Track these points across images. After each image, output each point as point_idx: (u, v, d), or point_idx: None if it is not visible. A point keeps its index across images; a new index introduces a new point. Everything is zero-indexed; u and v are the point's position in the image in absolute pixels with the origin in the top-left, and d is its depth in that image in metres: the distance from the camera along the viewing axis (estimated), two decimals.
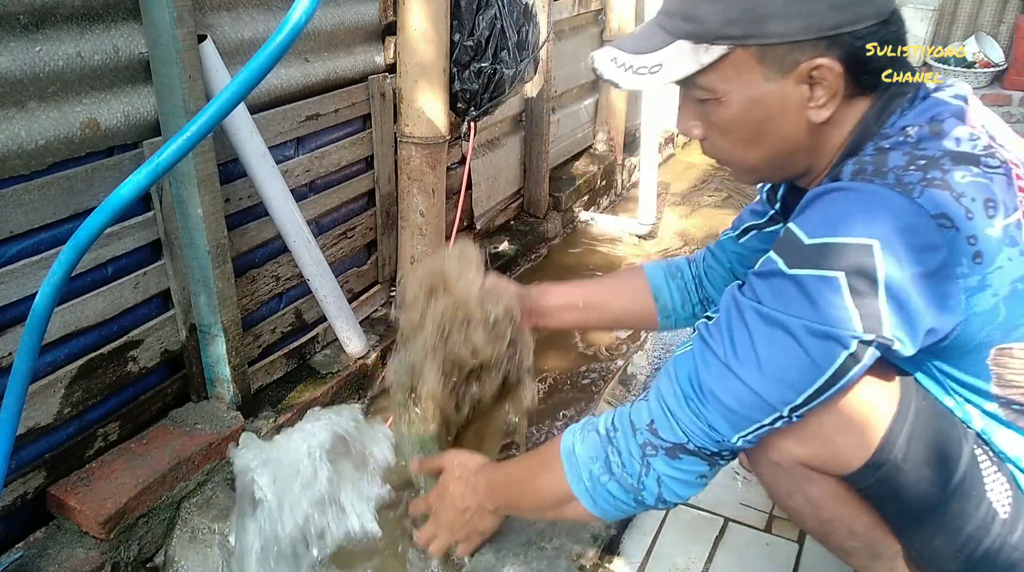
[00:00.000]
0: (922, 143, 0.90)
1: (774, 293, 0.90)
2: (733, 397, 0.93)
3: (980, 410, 1.00)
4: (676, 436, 0.98)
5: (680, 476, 1.01)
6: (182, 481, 1.52)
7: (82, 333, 1.43)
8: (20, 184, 1.27)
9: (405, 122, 2.09)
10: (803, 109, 0.96)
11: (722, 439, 0.96)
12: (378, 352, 2.06)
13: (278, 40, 0.90)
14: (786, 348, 0.89)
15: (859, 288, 0.85)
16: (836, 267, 0.85)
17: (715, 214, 3.54)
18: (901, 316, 0.86)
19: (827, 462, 1.03)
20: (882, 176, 0.88)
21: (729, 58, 0.94)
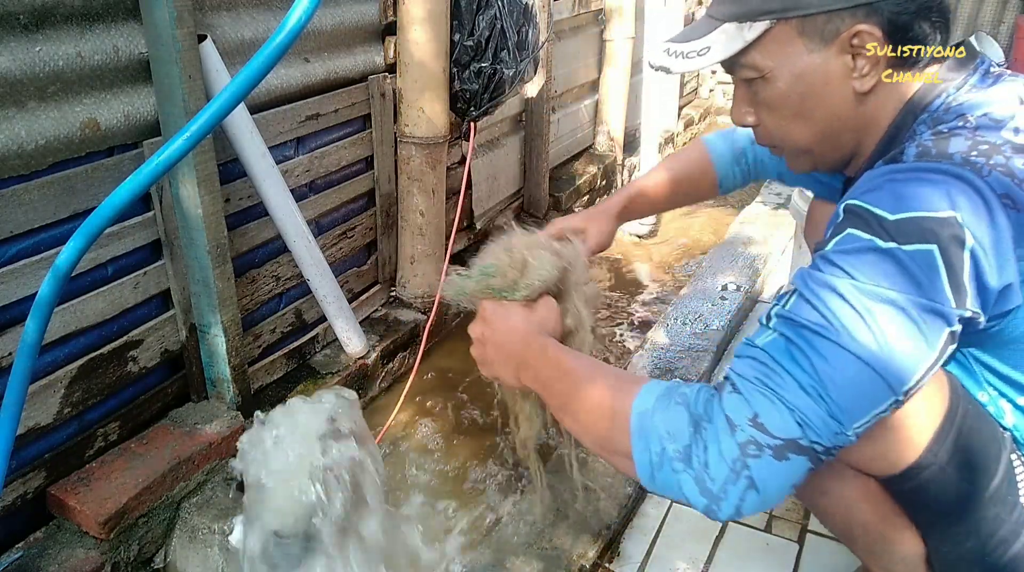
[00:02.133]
0: (981, 130, 0.90)
1: (872, 269, 0.84)
2: (855, 380, 0.84)
3: (1013, 405, 1.01)
4: (789, 429, 0.85)
5: (781, 481, 0.87)
6: (182, 481, 1.52)
7: (82, 333, 1.43)
8: (20, 184, 1.27)
9: (405, 122, 2.09)
10: (847, 80, 0.96)
11: (840, 430, 0.85)
12: (378, 352, 2.06)
13: (278, 40, 0.90)
14: (900, 325, 0.83)
15: (951, 261, 0.82)
16: (930, 240, 0.82)
17: (715, 214, 3.54)
18: (979, 289, 0.85)
19: (874, 461, 1.00)
20: (948, 158, 0.87)
21: (771, 33, 0.97)
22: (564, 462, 1.68)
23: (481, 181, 2.70)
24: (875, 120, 1.00)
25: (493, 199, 2.83)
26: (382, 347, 2.08)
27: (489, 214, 2.83)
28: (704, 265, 2.62)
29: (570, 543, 1.46)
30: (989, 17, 4.60)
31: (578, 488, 1.57)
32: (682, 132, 4.53)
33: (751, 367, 0.89)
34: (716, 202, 3.67)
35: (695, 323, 2.22)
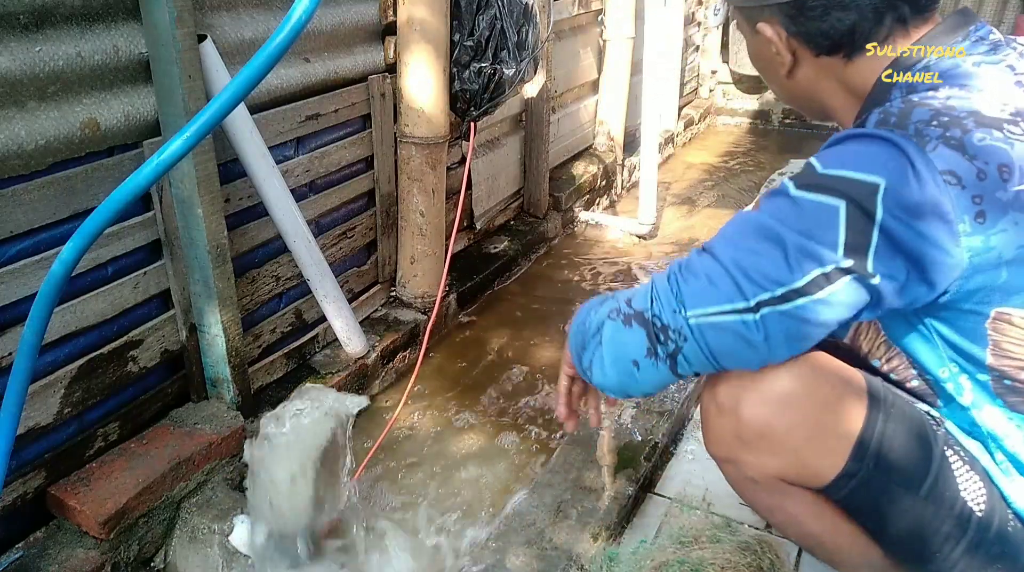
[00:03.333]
0: (951, 100, 0.92)
1: (775, 206, 0.94)
2: (709, 274, 0.96)
3: (973, 381, 1.01)
4: (643, 303, 1.02)
5: (618, 346, 1.04)
6: (182, 481, 1.51)
7: (82, 333, 1.43)
8: (20, 184, 1.27)
9: (405, 122, 2.09)
10: (775, 62, 1.07)
11: (679, 309, 0.97)
12: (378, 352, 2.06)
13: (278, 40, 0.90)
14: (769, 251, 0.93)
15: (855, 220, 0.89)
16: (839, 197, 0.89)
17: (715, 214, 3.54)
18: (888, 255, 0.89)
19: (800, 474, 1.04)
20: (903, 127, 0.90)
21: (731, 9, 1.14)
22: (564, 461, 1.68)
23: (481, 181, 2.70)
24: (823, 91, 1.08)
25: (493, 199, 2.83)
26: (382, 347, 2.08)
27: (489, 214, 2.83)
28: None
29: (570, 543, 1.46)
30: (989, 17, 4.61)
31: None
32: (682, 132, 4.53)
33: None
34: (716, 202, 3.67)
35: None
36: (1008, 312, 0.93)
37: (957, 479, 1.01)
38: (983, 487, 1.01)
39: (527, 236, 2.92)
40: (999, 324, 0.94)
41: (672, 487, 1.66)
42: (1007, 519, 1.01)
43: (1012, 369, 0.96)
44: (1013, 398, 0.98)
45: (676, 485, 1.67)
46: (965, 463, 1.02)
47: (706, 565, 1.32)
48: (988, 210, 0.88)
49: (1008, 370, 0.97)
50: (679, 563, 1.34)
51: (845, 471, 1.01)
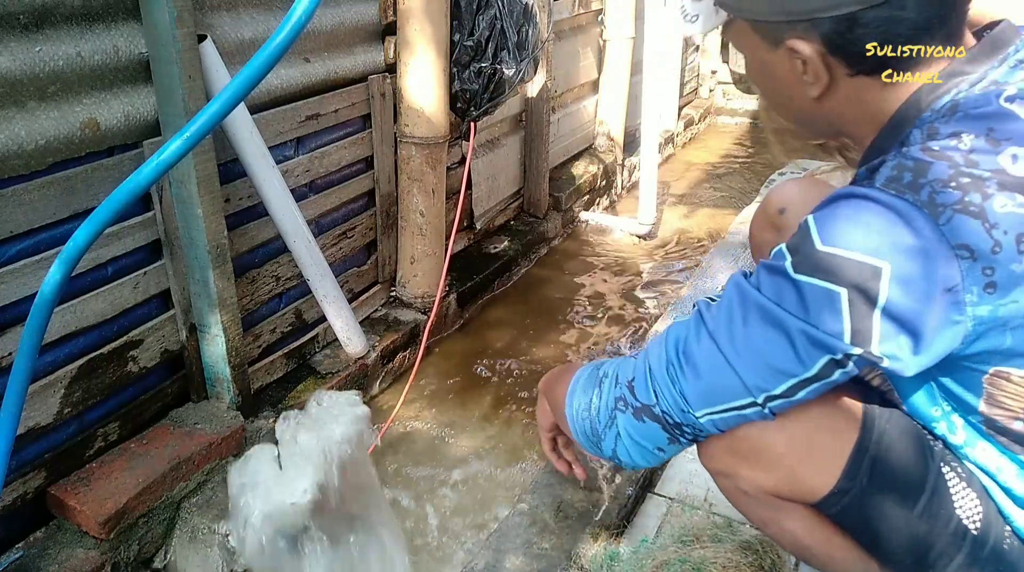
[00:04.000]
0: (974, 154, 0.85)
1: (777, 291, 0.90)
2: (713, 372, 0.93)
3: (965, 421, 1.00)
4: (647, 397, 0.99)
5: (638, 439, 1.02)
6: (182, 481, 1.51)
7: (82, 333, 1.43)
8: (20, 184, 1.27)
9: (405, 122, 2.09)
10: (800, 84, 0.96)
11: (688, 409, 0.96)
12: (378, 352, 2.06)
13: (278, 40, 0.90)
14: (776, 341, 0.89)
15: (858, 306, 0.85)
16: (841, 283, 0.85)
17: (715, 214, 3.54)
18: (895, 337, 0.86)
19: (793, 491, 1.04)
20: (916, 190, 0.84)
21: (734, 23, 1.00)
22: None
23: (481, 181, 2.70)
24: (852, 116, 0.98)
25: (493, 199, 2.83)
26: (382, 347, 2.08)
27: (489, 214, 2.83)
28: (704, 265, 2.62)
29: (569, 543, 1.46)
30: None
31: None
32: (682, 132, 4.53)
33: (655, 341, 1.03)
34: (716, 202, 3.67)
35: None
36: (1007, 371, 0.91)
37: (953, 496, 1.00)
38: (979, 504, 1.00)
39: (527, 236, 2.92)
40: (996, 380, 0.92)
41: (672, 487, 1.66)
42: (1003, 536, 1.01)
43: (1004, 418, 0.95)
44: (1004, 438, 0.97)
45: (676, 485, 1.67)
46: (962, 479, 1.01)
47: (708, 564, 1.32)
48: (999, 282, 0.83)
49: (999, 419, 0.96)
50: (680, 562, 1.34)
51: (837, 488, 1.00)
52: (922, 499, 0.99)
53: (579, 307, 2.68)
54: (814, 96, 0.96)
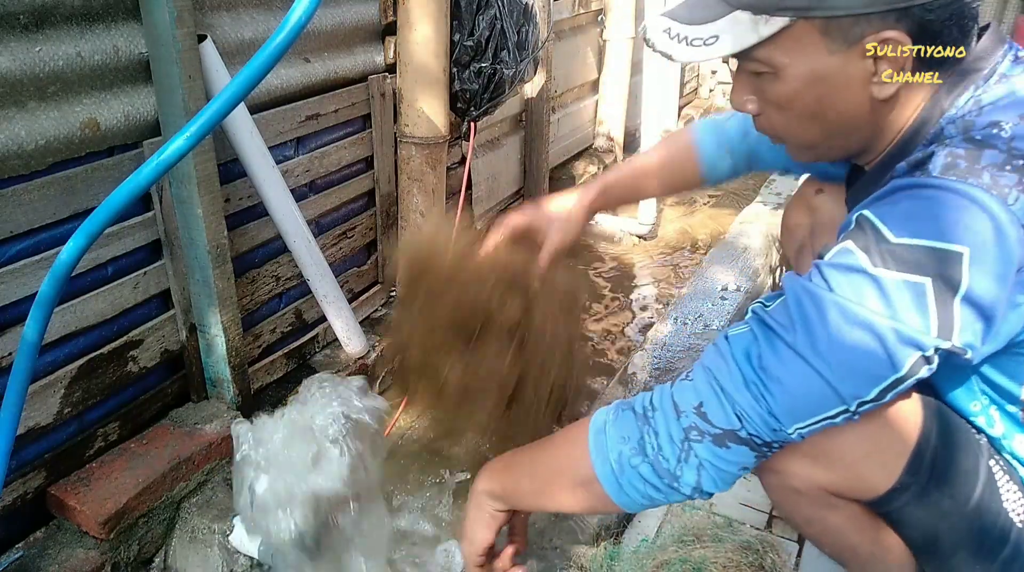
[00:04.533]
0: (1016, 141, 0.84)
1: (856, 290, 0.85)
2: (802, 385, 0.87)
3: (1003, 413, 1.00)
4: (729, 421, 0.91)
5: (724, 465, 0.93)
6: (182, 481, 1.51)
7: (82, 333, 1.43)
8: (20, 184, 1.27)
9: (405, 122, 2.09)
10: (866, 85, 0.91)
11: (779, 427, 0.89)
12: (378, 352, 2.06)
13: (278, 40, 0.90)
14: (865, 344, 0.84)
15: (943, 296, 0.82)
16: (924, 273, 0.82)
17: (715, 214, 3.54)
18: (972, 325, 0.83)
19: (853, 488, 1.01)
20: (976, 175, 0.83)
21: (791, 30, 0.89)
22: None
23: (481, 181, 2.70)
24: (892, 122, 0.96)
25: (493, 199, 2.83)
26: (382, 347, 2.08)
27: (489, 214, 2.83)
28: (704, 265, 2.62)
29: (570, 543, 1.46)
30: (989, 17, 4.61)
31: None
32: None
33: (712, 356, 0.94)
34: (716, 202, 3.67)
35: (695, 323, 2.22)
36: None
37: (1000, 490, 0.99)
38: (1021, 496, 1.00)
39: None
40: None
41: None
42: None
43: None
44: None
45: None
46: (1006, 473, 1.01)
47: (708, 564, 1.32)
48: None
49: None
50: (681, 562, 1.34)
51: (899, 484, 0.98)
52: (975, 495, 0.98)
53: None
54: (885, 96, 0.91)
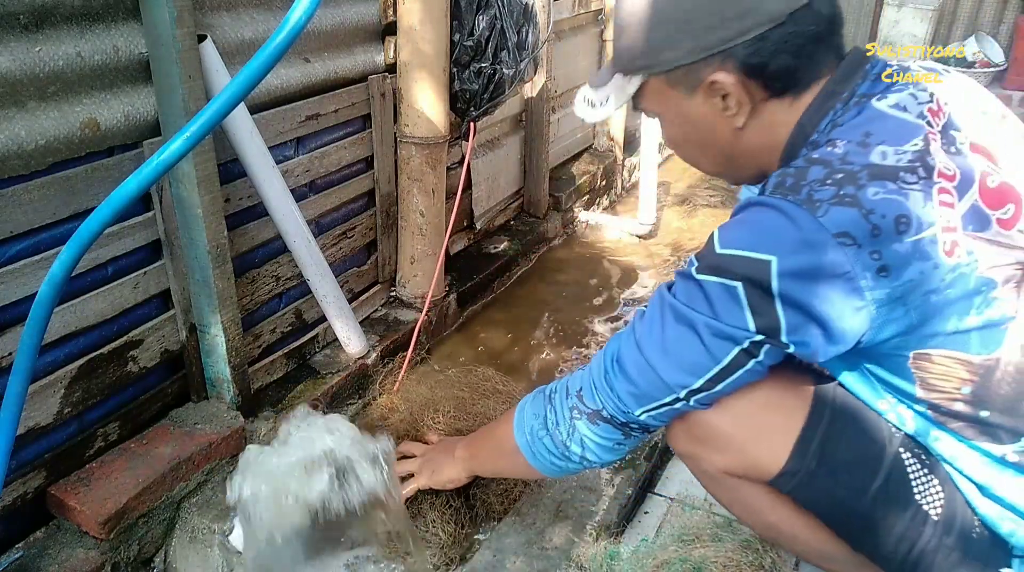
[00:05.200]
0: (848, 156, 0.93)
1: (686, 292, 0.99)
2: (639, 375, 1.04)
3: (912, 411, 1.03)
4: (595, 404, 1.12)
5: (599, 440, 1.14)
6: (182, 481, 1.52)
7: (82, 333, 1.43)
8: (20, 184, 1.27)
9: (405, 122, 2.09)
10: (723, 118, 1.04)
11: (627, 410, 1.08)
12: (378, 352, 2.06)
13: (278, 40, 0.90)
14: (687, 339, 0.99)
15: (756, 297, 0.93)
16: (736, 278, 0.93)
17: (715, 214, 3.53)
18: (798, 325, 0.92)
19: (748, 470, 1.09)
20: (796, 191, 0.92)
21: (648, 85, 1.07)
22: None
23: (481, 181, 2.70)
24: (766, 143, 1.06)
25: (493, 199, 2.83)
26: (382, 347, 2.08)
27: (489, 214, 2.83)
28: None
29: (570, 543, 1.46)
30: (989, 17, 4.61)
31: None
32: None
33: (599, 352, 1.14)
34: (715, 202, 3.67)
35: None
36: (926, 353, 0.95)
37: (912, 482, 1.02)
38: (942, 492, 1.02)
39: (527, 236, 2.92)
40: (920, 362, 0.96)
41: (672, 487, 1.66)
42: (972, 525, 1.02)
43: (943, 401, 0.98)
44: (955, 424, 0.99)
45: (676, 485, 1.67)
46: (924, 466, 1.03)
47: (708, 563, 1.32)
48: (889, 264, 0.89)
49: (940, 402, 0.98)
50: (681, 562, 1.34)
51: (788, 468, 1.05)
52: (876, 482, 1.02)
53: (579, 307, 2.68)
54: (738, 126, 1.04)
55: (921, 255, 0.89)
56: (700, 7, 0.96)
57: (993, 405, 0.95)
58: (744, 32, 0.95)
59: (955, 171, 0.92)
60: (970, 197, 0.93)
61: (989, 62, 4.41)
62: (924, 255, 0.89)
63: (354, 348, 1.99)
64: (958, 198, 0.91)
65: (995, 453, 0.98)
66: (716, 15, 0.95)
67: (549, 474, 1.27)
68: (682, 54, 0.99)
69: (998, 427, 0.96)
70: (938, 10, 4.50)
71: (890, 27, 4.53)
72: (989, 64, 4.41)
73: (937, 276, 0.89)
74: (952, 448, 1.01)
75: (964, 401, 0.96)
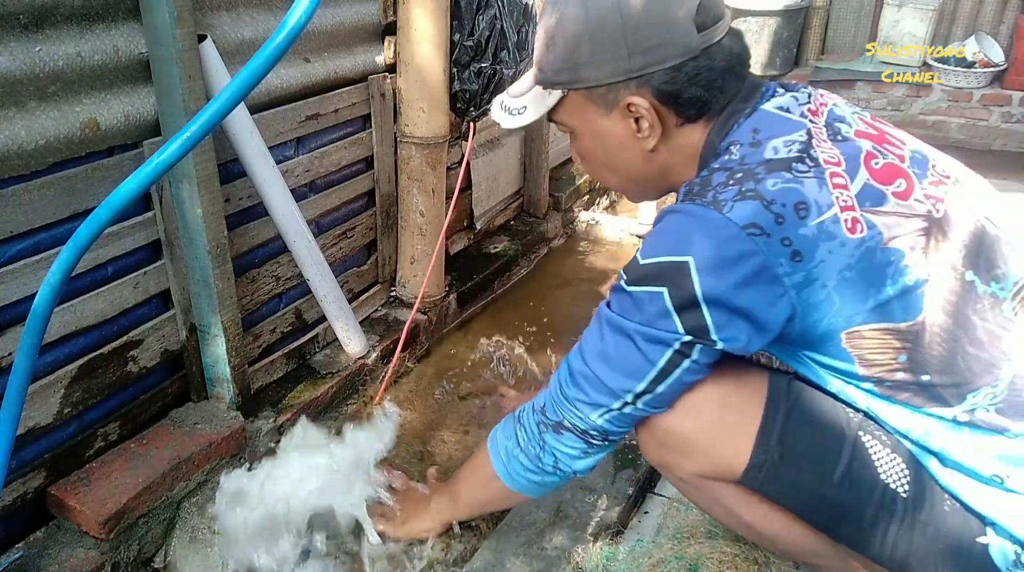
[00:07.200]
0: (745, 159, 1.00)
1: (619, 303, 1.05)
2: (588, 383, 1.09)
3: (859, 389, 1.05)
4: (556, 416, 1.16)
5: (566, 450, 1.17)
6: (182, 481, 1.52)
7: (82, 333, 1.43)
8: (20, 184, 1.27)
9: (405, 122, 2.09)
10: (635, 139, 1.09)
11: (584, 417, 1.12)
12: (378, 352, 2.06)
13: (278, 40, 0.90)
14: (624, 346, 1.04)
15: (680, 298, 0.97)
16: (660, 283, 0.98)
17: None
18: (724, 320, 0.97)
19: (716, 471, 1.12)
20: (703, 195, 0.99)
21: (566, 100, 1.10)
22: None
23: (481, 181, 2.70)
24: (676, 166, 1.11)
25: (493, 199, 2.83)
26: (382, 347, 2.08)
27: (489, 214, 2.83)
28: None
29: (570, 543, 1.46)
30: (989, 17, 4.61)
31: None
32: None
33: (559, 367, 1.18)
34: None
35: None
36: (856, 329, 0.98)
37: (875, 462, 1.04)
38: (906, 468, 1.04)
39: (527, 236, 2.92)
40: (853, 340, 0.99)
41: (672, 487, 1.66)
42: (941, 499, 1.03)
43: (884, 373, 1.00)
44: (903, 395, 1.01)
45: None
46: (885, 445, 1.05)
47: (703, 560, 1.33)
48: (800, 248, 0.94)
49: (882, 375, 1.01)
50: (676, 559, 1.34)
51: (753, 463, 1.07)
52: (840, 466, 1.04)
53: (579, 306, 2.68)
54: (649, 149, 1.09)
55: (827, 235, 0.94)
56: (622, 33, 1.01)
57: (931, 368, 0.98)
58: (661, 61, 1.01)
59: (839, 157, 0.99)
60: (860, 178, 0.99)
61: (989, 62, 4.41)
62: (829, 235, 0.95)
63: (354, 348, 1.99)
64: (850, 179, 0.98)
65: (946, 416, 1.00)
66: (637, 43, 1.01)
67: (530, 494, 1.29)
68: (603, 74, 1.04)
69: (942, 387, 0.99)
70: (938, 10, 4.50)
71: (890, 27, 4.52)
72: (989, 64, 4.41)
73: (846, 253, 0.95)
74: (906, 420, 1.03)
75: (903, 369, 0.99)
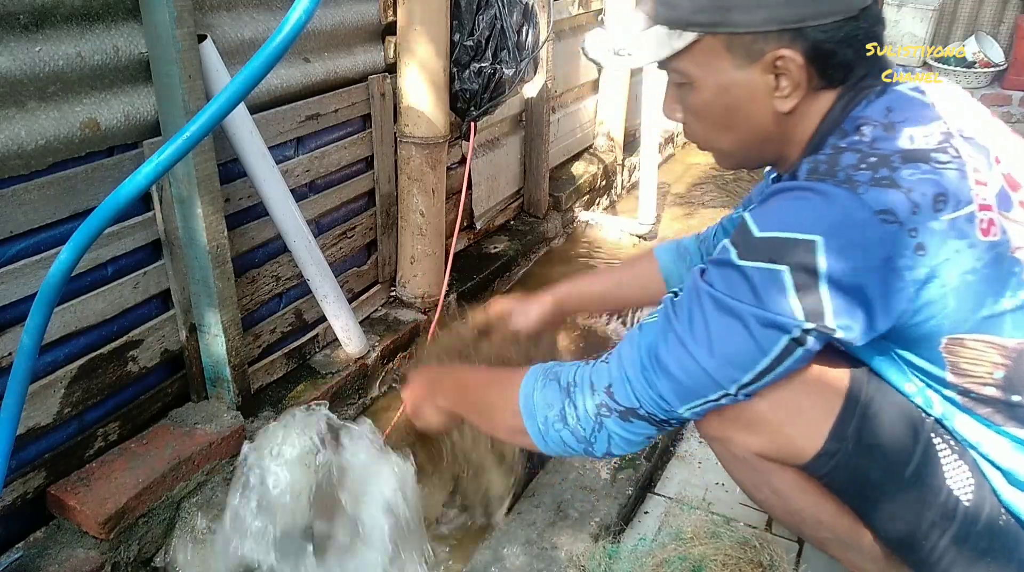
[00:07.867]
0: (876, 142, 0.93)
1: (726, 281, 0.95)
2: (684, 372, 0.99)
3: (940, 396, 1.03)
4: (630, 401, 1.04)
5: (629, 436, 1.08)
6: (182, 481, 1.52)
7: (82, 333, 1.43)
8: (20, 184, 1.27)
9: (405, 122, 2.09)
10: (769, 98, 1.00)
11: (670, 408, 1.03)
12: (378, 352, 2.06)
13: (278, 40, 0.90)
14: (734, 332, 0.94)
15: (802, 280, 0.90)
16: (781, 261, 0.90)
17: (715, 214, 3.53)
18: (844, 307, 0.91)
19: (781, 452, 1.07)
20: (833, 175, 0.91)
21: (700, 44, 0.99)
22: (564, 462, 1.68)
23: (481, 181, 2.70)
24: (797, 133, 1.04)
25: (493, 199, 2.83)
26: (382, 347, 2.08)
27: (489, 214, 2.83)
28: None
29: (570, 543, 1.46)
30: (989, 17, 4.61)
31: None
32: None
33: (626, 343, 1.08)
34: (716, 202, 3.68)
35: None
36: (960, 337, 0.95)
37: (944, 467, 1.01)
38: (971, 477, 1.01)
39: (527, 236, 2.92)
40: (953, 347, 0.96)
41: (672, 487, 1.66)
42: (998, 513, 1.02)
43: (974, 385, 0.98)
44: (984, 409, 0.99)
45: (675, 485, 1.67)
46: (954, 452, 1.02)
47: (707, 561, 1.32)
48: (926, 242, 0.89)
49: (971, 387, 0.98)
50: (680, 560, 1.34)
51: (824, 450, 1.03)
52: (910, 466, 1.01)
53: None
54: (784, 110, 1.00)
55: (958, 233, 0.89)
56: None
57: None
58: (823, 15, 0.93)
59: (975, 154, 0.93)
60: (997, 179, 0.93)
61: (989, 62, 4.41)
62: (961, 233, 0.89)
63: (354, 348, 1.99)
64: (989, 178, 0.92)
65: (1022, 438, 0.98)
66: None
67: (553, 455, 1.26)
68: (756, 20, 0.94)
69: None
70: (938, 10, 4.50)
71: (890, 27, 4.53)
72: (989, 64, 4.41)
73: (974, 255, 0.90)
74: (978, 433, 1.01)
75: (996, 386, 0.96)
